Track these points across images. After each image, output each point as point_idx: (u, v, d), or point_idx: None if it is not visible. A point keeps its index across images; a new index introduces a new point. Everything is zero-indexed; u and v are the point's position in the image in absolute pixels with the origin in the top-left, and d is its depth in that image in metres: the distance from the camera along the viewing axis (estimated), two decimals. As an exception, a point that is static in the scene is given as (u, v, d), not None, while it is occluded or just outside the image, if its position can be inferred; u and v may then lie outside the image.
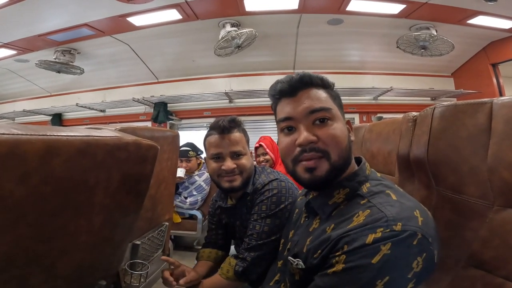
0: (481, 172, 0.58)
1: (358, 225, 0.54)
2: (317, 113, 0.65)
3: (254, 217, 1.07)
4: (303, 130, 0.64)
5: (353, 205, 0.60)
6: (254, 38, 2.89)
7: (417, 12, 2.70)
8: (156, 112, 3.96)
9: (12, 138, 0.38)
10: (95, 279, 0.77)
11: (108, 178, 0.56)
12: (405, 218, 0.52)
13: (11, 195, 0.40)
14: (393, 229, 0.50)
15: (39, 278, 0.54)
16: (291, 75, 0.69)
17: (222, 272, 1.07)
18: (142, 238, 1.21)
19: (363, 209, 0.56)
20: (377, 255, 0.49)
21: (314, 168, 0.64)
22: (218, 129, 1.08)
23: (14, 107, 4.68)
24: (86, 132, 0.49)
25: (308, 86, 0.68)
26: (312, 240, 0.64)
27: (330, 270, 0.54)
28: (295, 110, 0.66)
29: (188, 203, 2.65)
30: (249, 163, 1.12)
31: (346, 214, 0.59)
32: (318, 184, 0.66)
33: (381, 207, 0.55)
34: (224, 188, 1.11)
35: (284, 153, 0.69)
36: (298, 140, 0.64)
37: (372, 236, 0.50)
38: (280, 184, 1.08)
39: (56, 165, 0.43)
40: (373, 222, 0.52)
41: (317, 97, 0.67)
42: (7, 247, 0.44)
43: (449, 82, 3.88)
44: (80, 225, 0.55)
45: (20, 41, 3.12)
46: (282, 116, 0.69)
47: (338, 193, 0.65)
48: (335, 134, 0.64)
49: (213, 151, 1.09)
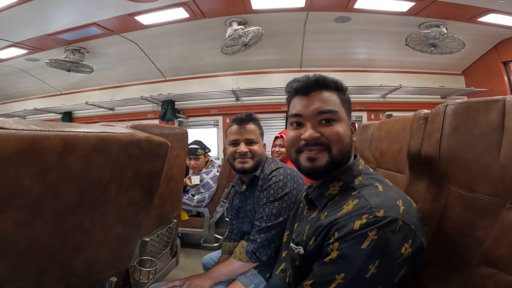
0: (493, 170, 0.57)
1: (347, 212, 0.60)
2: (324, 114, 0.72)
3: (263, 201, 1.21)
4: (309, 127, 0.72)
5: (346, 196, 0.67)
6: (260, 36, 2.89)
7: (426, 10, 2.67)
8: (164, 110, 3.99)
9: (31, 134, 0.38)
10: (106, 276, 0.78)
11: (121, 174, 0.57)
12: (387, 206, 0.58)
13: (30, 191, 0.40)
14: (376, 215, 0.56)
15: (54, 275, 0.55)
16: (308, 75, 0.75)
17: (235, 255, 1.21)
18: (151, 235, 1.22)
19: (353, 199, 0.63)
20: (365, 241, 0.55)
21: (315, 158, 0.71)
22: (237, 121, 1.30)
23: (25, 105, 4.77)
24: (101, 129, 0.50)
25: (322, 88, 0.74)
26: (309, 228, 0.70)
27: (327, 258, 0.59)
28: (306, 109, 0.73)
29: (195, 201, 2.67)
30: (260, 150, 1.30)
31: (338, 204, 0.66)
32: (317, 172, 0.74)
33: (367, 197, 0.61)
34: (237, 169, 1.29)
35: (290, 143, 0.77)
36: (303, 135, 0.72)
37: (358, 222, 0.56)
38: (286, 171, 1.24)
39: (73, 161, 0.44)
40: (359, 210, 0.59)
41: (328, 99, 0.73)
42: (25, 244, 0.44)
43: (460, 80, 3.82)
44: (94, 222, 0.56)
45: (31, 40, 3.17)
46: (293, 112, 0.76)
47: (333, 186, 0.72)
48: (338, 132, 0.71)
49: (232, 137, 1.29)
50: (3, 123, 0.35)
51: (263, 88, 3.67)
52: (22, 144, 0.37)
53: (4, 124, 0.35)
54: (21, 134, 0.37)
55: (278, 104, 3.93)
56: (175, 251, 1.55)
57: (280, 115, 3.97)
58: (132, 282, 1.13)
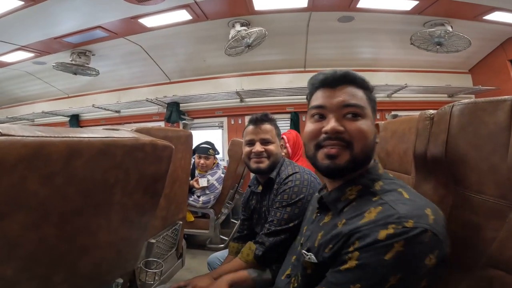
0: (501, 171, 0.56)
1: (370, 221, 0.55)
2: (350, 108, 0.67)
3: (276, 205, 1.19)
4: (332, 120, 0.66)
5: (365, 201, 0.62)
6: (264, 37, 2.88)
7: (430, 8, 2.64)
8: (169, 112, 4.01)
9: (37, 140, 0.39)
10: (112, 277, 0.79)
11: (126, 177, 0.57)
12: (416, 216, 0.53)
13: (36, 195, 0.41)
14: (404, 225, 0.51)
15: (61, 276, 0.55)
16: (336, 69, 0.71)
17: (242, 256, 1.19)
18: (157, 237, 1.23)
19: (375, 206, 0.58)
20: (390, 251, 0.50)
21: (335, 156, 0.65)
22: (253, 121, 1.30)
23: (33, 108, 4.83)
24: (106, 134, 0.51)
25: (350, 83, 0.69)
26: (323, 234, 0.65)
27: (343, 266, 0.55)
28: (330, 100, 0.69)
29: (201, 202, 2.68)
30: (276, 150, 1.29)
31: (357, 210, 0.61)
32: (335, 171, 0.68)
33: (393, 204, 0.56)
34: (252, 169, 1.29)
35: (309, 137, 0.71)
36: (325, 127, 0.66)
37: (384, 232, 0.52)
38: (303, 176, 1.22)
39: (78, 166, 0.45)
40: (385, 219, 0.54)
41: (354, 94, 0.68)
42: (32, 246, 0.45)
43: (467, 78, 3.76)
44: (100, 224, 0.57)
45: (37, 43, 3.21)
46: (315, 104, 0.71)
47: (350, 190, 0.67)
48: (363, 129, 0.66)
49: (248, 137, 1.29)
50: (9, 130, 0.36)
51: (267, 89, 3.66)
52: (28, 150, 0.38)
53: (10, 131, 0.36)
54: (27, 140, 0.37)
55: (283, 105, 3.92)
56: (180, 253, 1.56)
57: (284, 116, 3.97)
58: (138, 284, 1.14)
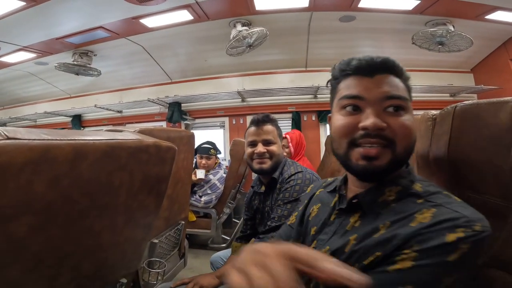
0: (503, 172, 0.56)
1: (429, 223, 0.50)
2: (393, 100, 0.59)
3: (278, 203, 1.22)
4: (372, 114, 0.57)
5: (408, 203, 0.56)
6: (265, 37, 2.88)
7: (432, 7, 2.63)
8: (170, 112, 4.02)
9: (43, 143, 0.39)
10: (116, 278, 0.79)
11: (131, 179, 0.58)
12: (481, 219, 0.50)
13: (43, 198, 0.42)
14: (474, 229, 0.48)
15: (66, 277, 0.56)
16: (370, 55, 0.62)
17: None
18: (159, 237, 1.24)
19: (427, 207, 0.53)
20: (454, 253, 0.47)
21: (374, 157, 0.57)
22: (254, 122, 1.32)
23: (35, 109, 4.85)
24: (110, 136, 0.51)
25: (389, 72, 0.61)
26: (360, 239, 0.57)
27: (392, 267, 0.50)
28: (369, 91, 0.59)
29: (202, 202, 2.69)
30: (278, 150, 1.30)
31: (402, 212, 0.55)
32: (373, 174, 0.60)
33: (452, 207, 0.52)
34: (254, 169, 1.31)
35: (341, 132, 0.61)
36: (364, 123, 0.58)
37: (453, 236, 0.48)
38: (305, 176, 1.24)
39: (84, 168, 0.45)
40: (451, 221, 0.49)
41: (396, 85, 0.61)
42: (38, 248, 0.46)
43: (469, 78, 3.75)
44: (105, 225, 0.57)
45: (39, 44, 3.22)
46: (349, 93, 0.61)
47: (389, 191, 0.60)
48: (407, 125, 0.58)
49: (250, 139, 1.31)
50: (16, 134, 0.36)
51: (269, 88, 3.67)
52: (34, 153, 0.38)
53: (16, 134, 0.36)
54: (33, 143, 0.38)
55: (284, 105, 3.92)
56: (183, 252, 1.57)
57: (286, 116, 3.97)
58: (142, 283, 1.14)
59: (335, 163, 2.77)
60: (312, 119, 3.95)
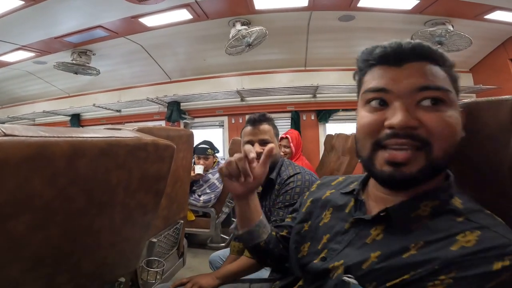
0: (502, 171, 0.56)
1: (475, 249, 0.43)
2: (428, 92, 0.49)
3: (279, 205, 1.20)
4: (400, 109, 0.48)
5: (446, 221, 0.48)
6: (264, 36, 2.89)
7: (431, 7, 2.65)
8: (169, 111, 4.02)
9: (41, 140, 0.39)
10: (115, 277, 0.79)
11: (129, 177, 0.58)
12: None
13: (40, 196, 0.41)
14: None
15: (65, 276, 0.55)
16: (398, 40, 0.52)
17: (247, 253, 1.17)
18: (158, 236, 1.24)
19: (470, 230, 0.45)
20: (494, 281, 0.41)
21: (403, 163, 0.48)
22: (251, 121, 1.30)
23: (34, 108, 4.84)
24: (108, 133, 0.51)
25: (421, 59, 0.51)
26: (383, 258, 0.49)
27: None
28: (396, 82, 0.50)
29: (201, 201, 2.69)
30: (275, 150, 1.27)
31: (439, 232, 0.47)
32: (402, 182, 0.50)
33: (498, 230, 0.45)
34: None
35: (365, 132, 0.53)
36: (389, 120, 0.49)
37: (500, 264, 0.41)
38: (304, 177, 1.22)
39: (82, 166, 0.45)
40: (500, 248, 0.42)
41: (432, 73, 0.50)
42: (36, 247, 0.45)
43: (468, 77, 3.77)
44: (104, 224, 0.57)
45: (38, 43, 3.22)
46: (373, 86, 0.52)
47: (425, 206, 0.51)
48: (448, 122, 0.48)
49: (246, 138, 1.29)
50: (13, 130, 0.36)
51: (268, 88, 3.67)
52: (31, 150, 0.38)
53: (13, 131, 0.36)
54: (30, 140, 0.38)
55: (283, 104, 3.93)
56: (182, 252, 1.56)
57: (285, 115, 3.97)
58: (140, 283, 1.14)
59: (334, 163, 2.77)
60: (311, 118, 3.95)
